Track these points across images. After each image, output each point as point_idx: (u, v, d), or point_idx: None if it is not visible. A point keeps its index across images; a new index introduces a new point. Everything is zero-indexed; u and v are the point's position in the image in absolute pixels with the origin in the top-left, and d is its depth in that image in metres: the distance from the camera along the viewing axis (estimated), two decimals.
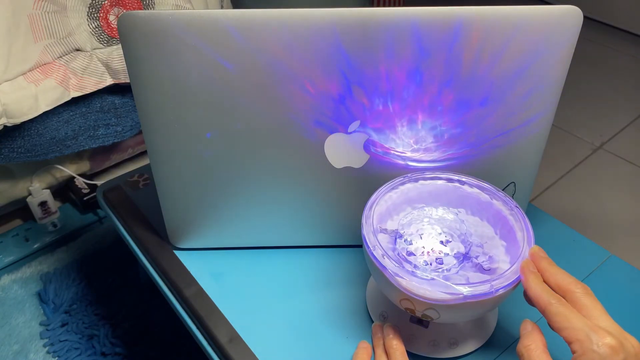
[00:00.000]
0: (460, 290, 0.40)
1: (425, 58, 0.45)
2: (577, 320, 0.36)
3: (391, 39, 0.44)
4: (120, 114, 0.86)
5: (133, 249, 0.62)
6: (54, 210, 0.92)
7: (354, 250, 0.59)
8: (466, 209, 0.50)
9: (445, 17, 0.43)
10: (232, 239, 0.59)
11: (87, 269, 0.87)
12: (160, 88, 0.46)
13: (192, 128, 0.49)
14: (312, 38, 0.44)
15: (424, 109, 0.48)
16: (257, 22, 0.43)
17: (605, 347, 0.34)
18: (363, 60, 0.45)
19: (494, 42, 0.45)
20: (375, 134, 0.50)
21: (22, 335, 0.78)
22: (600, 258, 0.59)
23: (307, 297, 0.55)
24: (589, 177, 1.10)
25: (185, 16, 0.43)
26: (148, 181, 0.69)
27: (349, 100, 0.47)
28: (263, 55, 0.44)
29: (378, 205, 0.48)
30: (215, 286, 0.56)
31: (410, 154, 0.51)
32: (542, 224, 0.63)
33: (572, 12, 0.44)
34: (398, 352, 0.46)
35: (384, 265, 0.43)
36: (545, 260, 0.41)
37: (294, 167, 0.51)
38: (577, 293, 0.38)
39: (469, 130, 0.50)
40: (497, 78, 0.47)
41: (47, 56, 0.75)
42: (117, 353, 0.75)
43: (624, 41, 1.61)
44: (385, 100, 0.47)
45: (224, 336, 0.51)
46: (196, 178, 0.52)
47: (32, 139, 0.78)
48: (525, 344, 0.38)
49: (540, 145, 0.53)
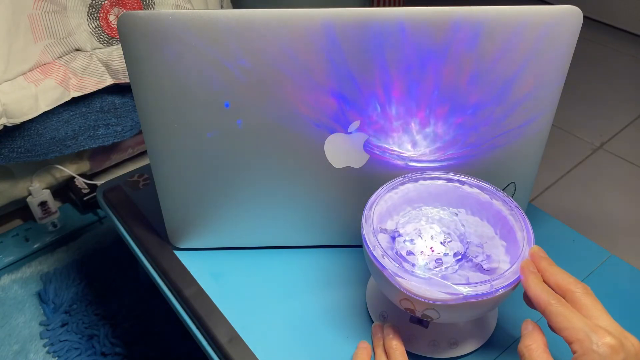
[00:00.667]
0: (460, 291, 0.40)
1: (425, 58, 0.45)
2: (577, 320, 0.36)
3: (390, 39, 0.44)
4: (120, 114, 0.86)
5: (133, 249, 0.62)
6: (54, 210, 0.92)
7: (354, 250, 0.59)
8: (466, 209, 0.50)
9: (445, 18, 0.43)
10: (232, 239, 0.58)
11: (87, 269, 0.87)
12: (160, 88, 0.46)
13: (192, 128, 0.49)
14: (312, 38, 0.44)
15: (424, 109, 0.48)
16: (257, 22, 0.43)
17: (605, 346, 0.34)
18: (362, 60, 0.45)
19: (493, 42, 0.45)
20: (375, 134, 0.50)
21: (22, 335, 0.78)
22: (600, 258, 0.59)
23: (307, 297, 0.55)
24: (589, 177, 1.10)
25: (185, 16, 0.43)
26: (148, 181, 0.69)
27: (348, 100, 0.47)
28: (263, 55, 0.44)
29: (378, 206, 0.48)
30: (215, 286, 0.56)
31: (410, 154, 0.51)
32: (542, 224, 0.63)
33: (572, 12, 0.44)
34: (398, 352, 0.46)
35: (384, 265, 0.43)
36: (545, 260, 0.41)
37: (293, 167, 0.51)
38: (577, 293, 0.38)
39: (469, 130, 0.50)
40: (496, 78, 0.47)
41: (47, 56, 0.75)
42: (117, 353, 0.75)
43: (624, 41, 1.61)
44: (385, 101, 0.47)
45: (224, 336, 0.51)
46: (196, 178, 0.52)
47: (32, 139, 0.78)
48: (527, 343, 0.38)
49: (540, 145, 0.53)
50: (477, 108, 0.48)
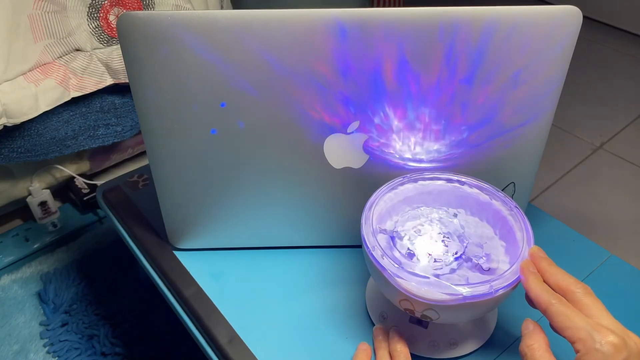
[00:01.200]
0: (460, 291, 0.40)
1: (425, 58, 0.45)
2: (579, 319, 0.36)
3: (390, 40, 0.44)
4: (120, 114, 0.86)
5: (133, 249, 0.62)
6: (54, 210, 0.92)
7: (353, 250, 0.59)
8: (466, 210, 0.50)
9: (445, 18, 0.43)
10: (232, 239, 0.58)
11: (87, 269, 0.87)
12: (160, 88, 0.46)
13: (191, 128, 0.49)
14: (312, 39, 0.44)
15: (424, 109, 0.48)
16: (257, 22, 0.43)
17: (608, 345, 0.34)
18: (362, 61, 0.45)
19: (493, 42, 0.45)
20: (374, 135, 0.50)
21: (22, 335, 0.78)
22: (600, 258, 0.59)
23: (306, 298, 0.55)
24: (589, 177, 1.10)
25: (184, 17, 0.43)
26: (148, 181, 0.69)
27: (348, 100, 0.47)
28: (262, 55, 0.44)
29: (377, 206, 0.48)
30: (215, 286, 0.55)
31: (410, 155, 0.51)
32: (542, 224, 0.63)
33: (572, 12, 0.44)
34: (402, 356, 0.46)
35: (383, 266, 0.43)
36: (545, 261, 0.41)
37: (293, 168, 0.51)
38: (577, 293, 0.38)
39: (469, 130, 0.50)
40: (496, 78, 0.47)
41: (47, 56, 0.75)
42: (117, 353, 0.75)
43: (624, 41, 1.61)
44: (384, 101, 0.47)
45: (224, 336, 0.51)
46: (195, 178, 0.52)
47: (32, 139, 0.78)
48: (528, 343, 0.38)
49: (540, 145, 0.53)
50: (477, 108, 0.48)
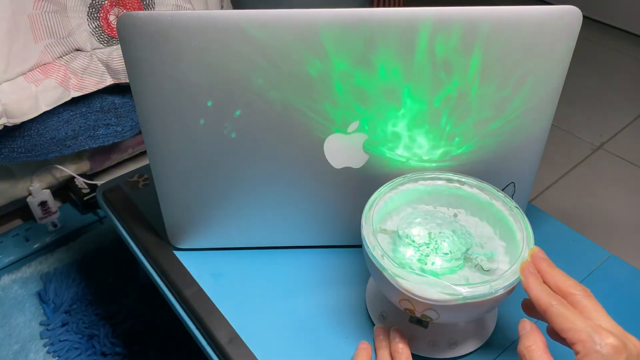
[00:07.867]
0: (460, 291, 0.40)
1: (425, 58, 0.45)
2: (579, 321, 0.36)
3: (391, 40, 0.44)
4: (120, 114, 0.86)
5: (133, 249, 0.62)
6: (54, 210, 0.92)
7: (353, 250, 0.59)
8: (466, 209, 0.50)
9: (444, 18, 0.43)
10: (232, 239, 0.59)
11: (87, 269, 0.87)
12: (160, 89, 0.46)
13: (191, 128, 0.49)
14: (312, 38, 0.44)
15: (423, 109, 0.48)
16: (256, 22, 0.43)
17: (608, 347, 0.34)
18: (362, 60, 0.45)
19: (493, 42, 0.45)
20: (374, 134, 0.50)
21: (22, 335, 0.78)
22: (600, 258, 0.59)
23: (307, 297, 0.55)
24: (588, 177, 1.10)
25: (184, 17, 0.43)
26: (148, 181, 0.69)
27: (348, 100, 0.47)
28: (262, 55, 0.44)
29: (378, 206, 0.48)
30: (215, 286, 0.56)
31: (410, 155, 0.51)
32: (542, 224, 0.63)
33: (571, 12, 0.44)
34: (403, 356, 0.46)
35: (384, 266, 0.43)
36: (545, 262, 0.41)
37: (293, 168, 0.51)
38: (577, 295, 0.38)
39: (469, 130, 0.50)
40: (496, 78, 0.47)
41: (47, 56, 0.75)
42: (117, 353, 0.75)
43: (624, 41, 1.61)
44: (384, 101, 0.47)
45: (224, 336, 0.51)
46: (196, 178, 0.52)
47: (32, 139, 0.78)
48: (526, 344, 0.38)
49: (540, 145, 0.53)
50: (477, 108, 0.48)
